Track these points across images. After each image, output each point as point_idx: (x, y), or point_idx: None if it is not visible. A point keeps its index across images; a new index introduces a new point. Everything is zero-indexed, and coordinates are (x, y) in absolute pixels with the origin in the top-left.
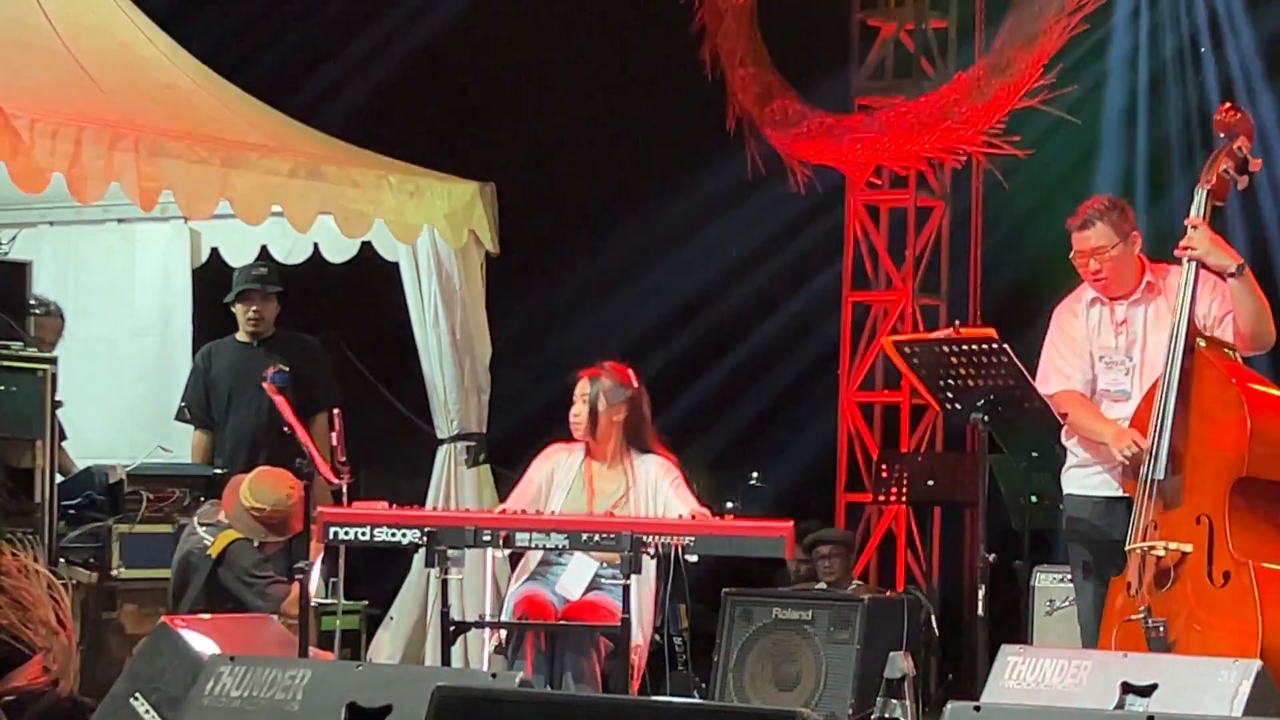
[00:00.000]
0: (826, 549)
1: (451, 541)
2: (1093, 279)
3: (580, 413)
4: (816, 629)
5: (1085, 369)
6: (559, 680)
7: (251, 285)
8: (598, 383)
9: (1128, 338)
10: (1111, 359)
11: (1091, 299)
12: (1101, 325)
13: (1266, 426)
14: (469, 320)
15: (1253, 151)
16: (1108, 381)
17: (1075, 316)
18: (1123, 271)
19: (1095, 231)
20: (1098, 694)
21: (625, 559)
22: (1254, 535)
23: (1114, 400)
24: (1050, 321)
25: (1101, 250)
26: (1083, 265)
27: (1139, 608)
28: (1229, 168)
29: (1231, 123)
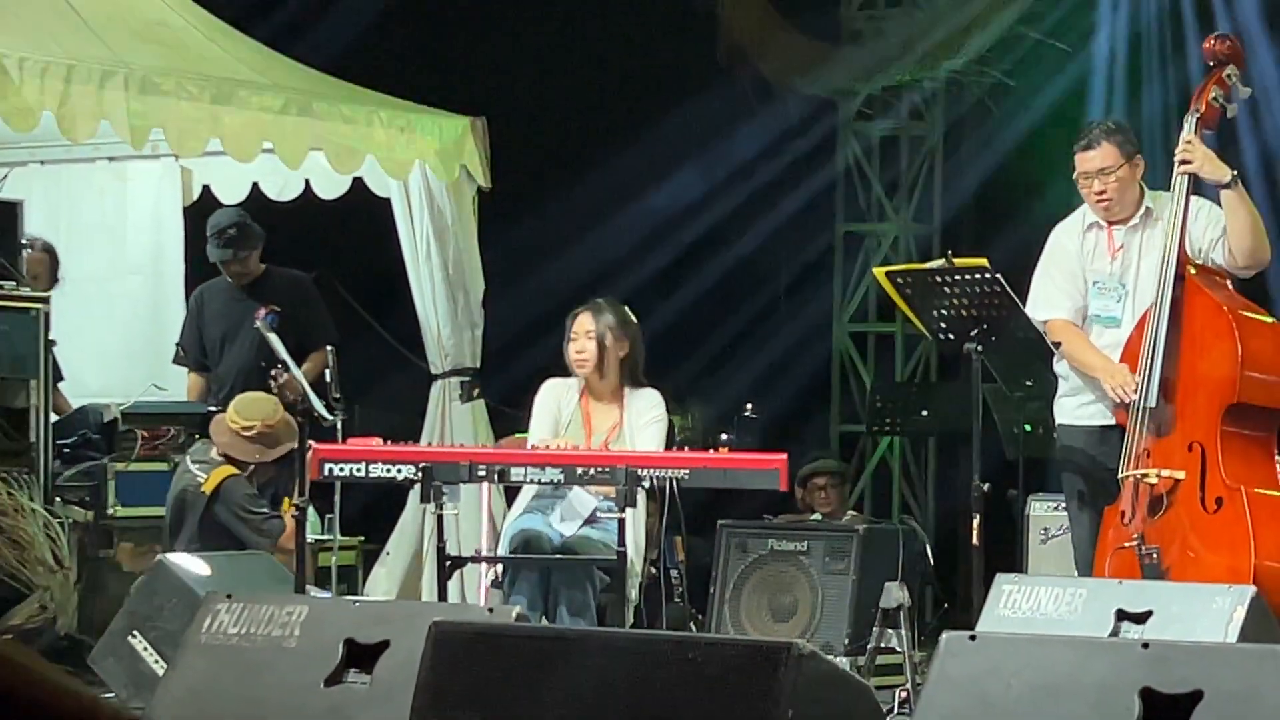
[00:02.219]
0: (821, 480)
1: (446, 477)
2: (1096, 200)
3: (586, 349)
4: (812, 560)
5: (1077, 296)
6: (554, 614)
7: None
8: (603, 318)
9: (1122, 263)
10: (1105, 284)
11: (1089, 223)
12: (1097, 250)
13: (1257, 353)
14: (461, 255)
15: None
16: (1099, 307)
17: (1071, 241)
18: (1125, 194)
19: (1100, 152)
20: (1093, 621)
21: (620, 493)
22: (1245, 461)
23: (1104, 327)
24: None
25: (1107, 171)
26: (1086, 186)
27: (1132, 535)
28: (1219, 95)
29: (1220, 51)
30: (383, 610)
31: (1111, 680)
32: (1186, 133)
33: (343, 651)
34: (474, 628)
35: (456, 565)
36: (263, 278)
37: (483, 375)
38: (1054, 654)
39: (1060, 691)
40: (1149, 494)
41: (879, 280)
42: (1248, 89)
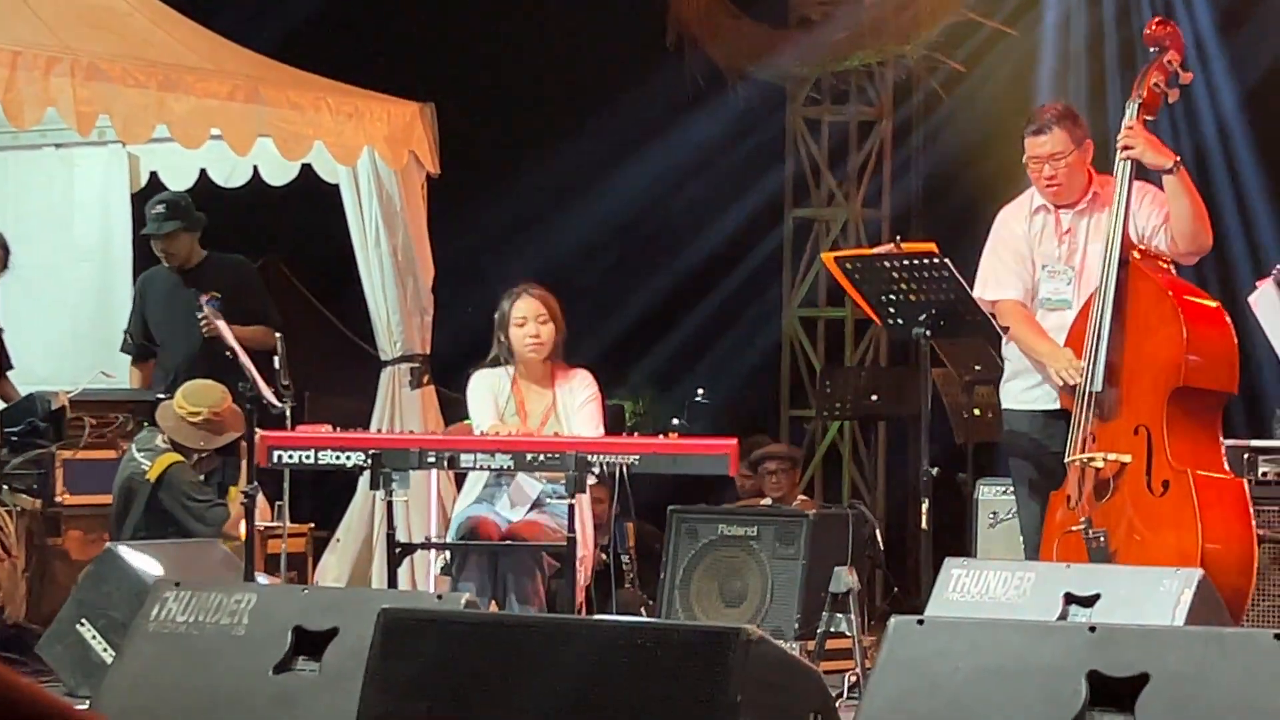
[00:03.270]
0: (772, 465)
1: (396, 464)
2: (1046, 184)
3: (542, 333)
4: (762, 545)
5: (1026, 277)
6: (504, 600)
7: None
8: (551, 303)
9: (1070, 246)
10: (1054, 268)
11: (1036, 206)
12: (1045, 233)
13: (1201, 336)
14: (410, 242)
15: (1183, 65)
16: (1049, 290)
17: (1019, 223)
18: (1075, 178)
19: (1051, 137)
20: (1041, 605)
21: (569, 478)
22: (1191, 444)
23: (1052, 310)
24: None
25: (1057, 156)
26: (1036, 171)
27: (1080, 519)
28: (1159, 81)
29: (1161, 36)
30: (332, 597)
31: (1058, 663)
32: (1128, 119)
33: (291, 639)
34: (423, 614)
35: (406, 552)
36: (203, 263)
37: (432, 361)
38: (1001, 638)
39: (1007, 675)
40: (1095, 478)
41: (828, 266)
42: (1189, 74)
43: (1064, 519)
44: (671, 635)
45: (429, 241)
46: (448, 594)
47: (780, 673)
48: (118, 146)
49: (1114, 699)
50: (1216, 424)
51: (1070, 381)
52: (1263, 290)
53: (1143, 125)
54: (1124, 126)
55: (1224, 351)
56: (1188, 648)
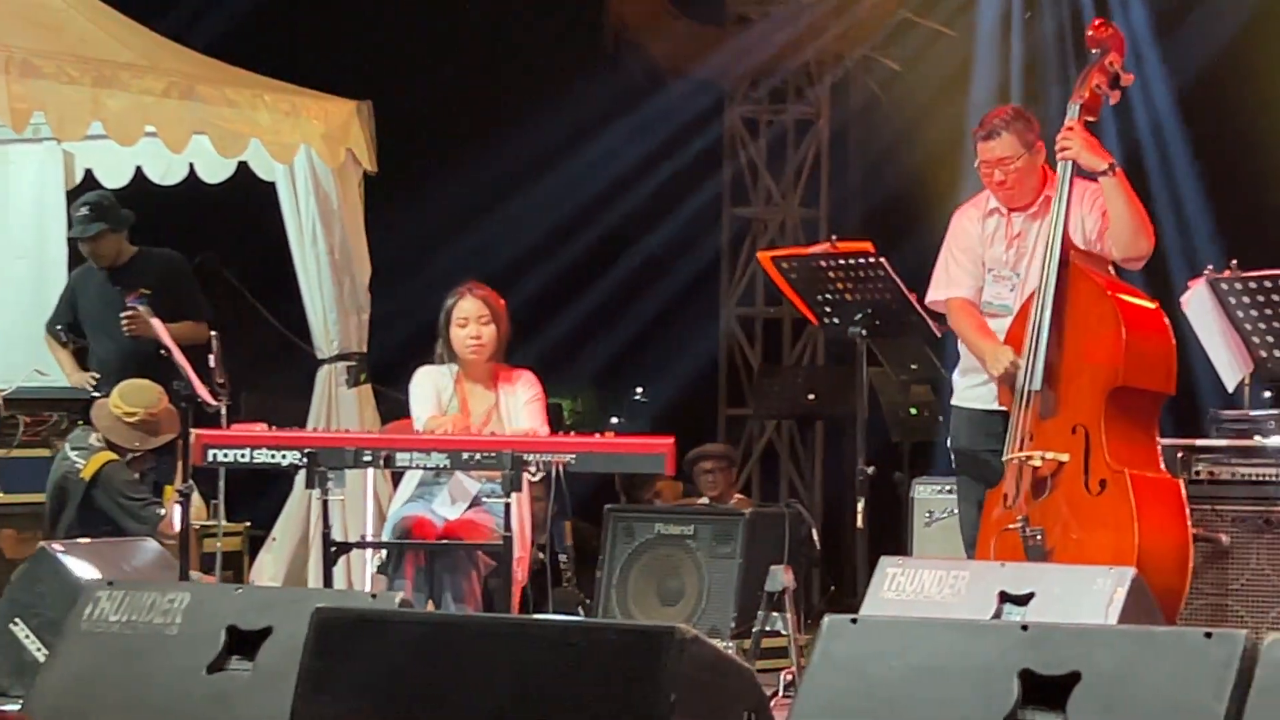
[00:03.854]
0: (709, 464)
1: (332, 462)
2: (997, 189)
3: (484, 334)
4: (699, 544)
5: (978, 275)
6: (440, 599)
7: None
8: (493, 304)
9: (1018, 252)
10: (1000, 273)
11: (990, 208)
12: (995, 236)
13: (1140, 338)
14: (347, 240)
15: (1124, 66)
16: (991, 295)
17: (973, 224)
18: (1026, 182)
19: (1001, 142)
20: (976, 604)
21: (506, 477)
22: (1128, 444)
23: (992, 315)
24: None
25: (1007, 161)
26: (987, 175)
27: (1017, 517)
28: (1100, 83)
29: (1103, 38)
30: (266, 597)
31: (991, 662)
32: (1070, 119)
33: (225, 638)
34: (357, 614)
35: (342, 551)
36: (133, 260)
37: (369, 360)
38: (935, 636)
39: (941, 673)
40: (1033, 476)
41: (764, 266)
42: (1130, 75)
43: (1000, 517)
44: (606, 634)
45: (366, 239)
46: (382, 593)
47: (714, 672)
48: (53, 144)
49: (1046, 697)
50: (1154, 424)
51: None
52: (1195, 291)
53: (1083, 126)
54: (1064, 127)
55: (1162, 352)
56: (1119, 646)
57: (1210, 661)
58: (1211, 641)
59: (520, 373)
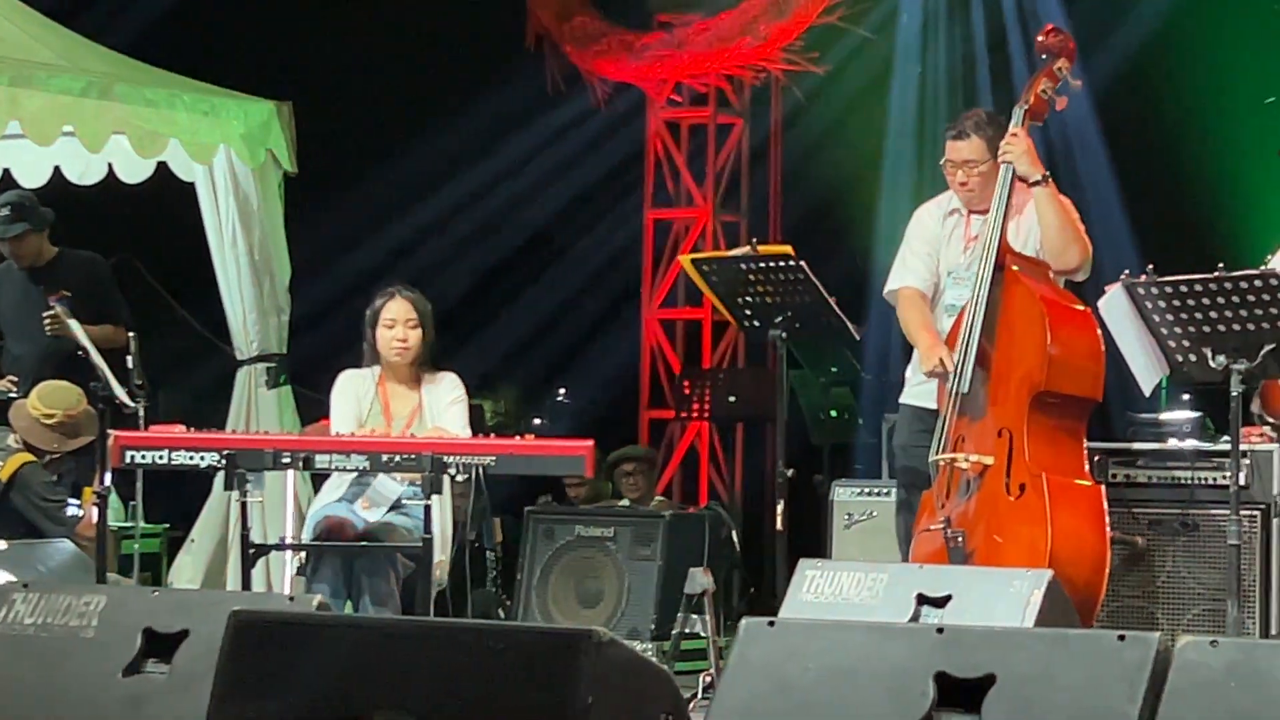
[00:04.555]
0: (630, 466)
1: (251, 464)
2: (959, 189)
3: (410, 337)
4: (619, 546)
5: (933, 270)
6: (359, 602)
7: None
8: (421, 306)
9: (973, 254)
10: (959, 275)
11: (951, 208)
12: (953, 236)
13: (1066, 343)
14: (267, 241)
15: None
16: (954, 297)
17: (933, 221)
18: (988, 186)
19: (969, 144)
20: (894, 606)
21: (426, 479)
22: (1050, 448)
23: (951, 316)
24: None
25: (972, 164)
26: (951, 175)
27: (940, 518)
28: (1048, 88)
29: (1053, 44)
30: (182, 599)
31: (907, 664)
32: (1014, 125)
33: (141, 641)
34: (274, 616)
35: (260, 553)
36: (54, 261)
37: (289, 361)
38: (851, 639)
39: (856, 676)
40: (959, 478)
41: (685, 268)
42: (1078, 82)
43: (930, 518)
44: (522, 637)
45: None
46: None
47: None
48: None
49: (961, 700)
50: (1080, 429)
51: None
52: (1111, 295)
53: (1027, 132)
54: (1009, 132)
55: (1089, 358)
56: (1034, 649)
57: (1124, 664)
58: (1125, 644)
59: (443, 375)
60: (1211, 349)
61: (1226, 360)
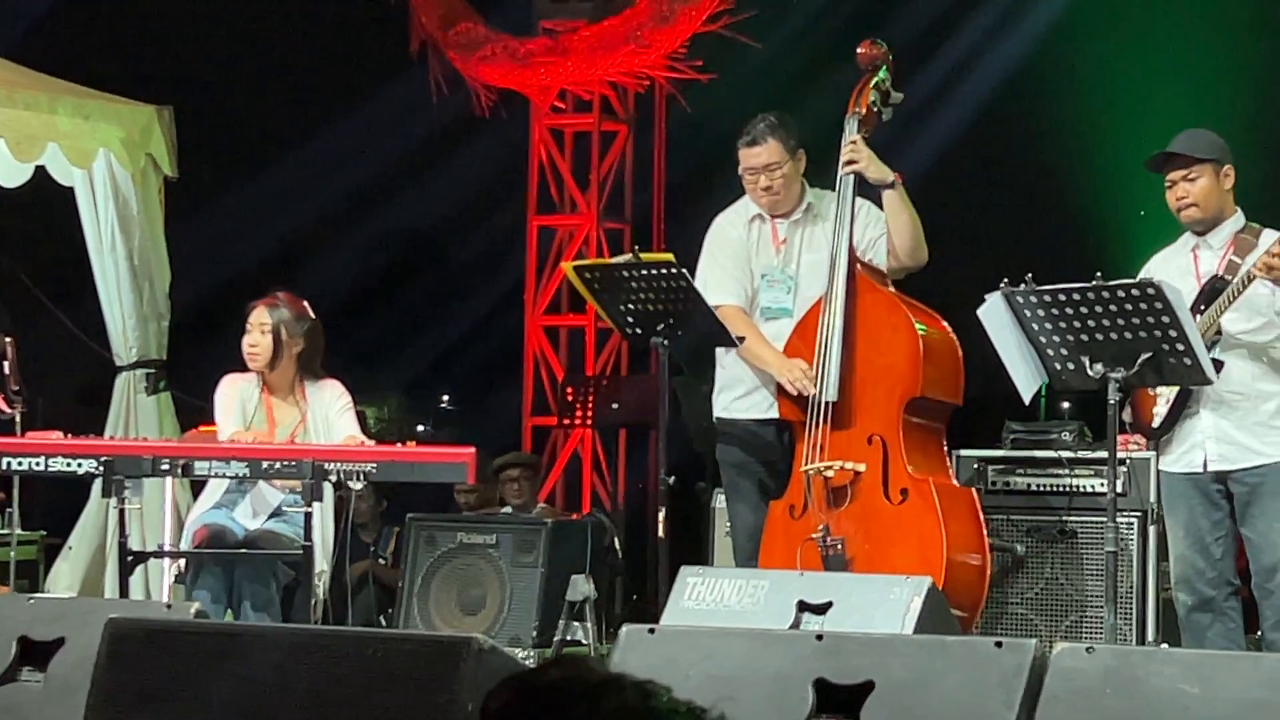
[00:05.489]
0: (514, 472)
1: (129, 471)
2: (763, 195)
3: (260, 343)
4: (501, 553)
5: (746, 284)
6: (239, 609)
7: None
8: (278, 312)
9: (785, 256)
10: (773, 277)
11: (753, 215)
12: (761, 242)
13: (934, 349)
14: (147, 246)
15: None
16: (768, 300)
17: (736, 230)
18: (790, 188)
19: (767, 148)
20: (775, 613)
21: (306, 486)
22: (925, 453)
23: (771, 319)
24: (707, 234)
25: (772, 167)
26: (752, 182)
27: (817, 527)
28: (875, 99)
29: (874, 56)
30: (59, 607)
31: (787, 671)
32: (850, 134)
33: (16, 649)
34: (151, 624)
35: (139, 560)
36: None
37: (169, 367)
38: (731, 646)
39: (737, 683)
40: (828, 487)
41: (568, 275)
42: (900, 94)
43: (789, 529)
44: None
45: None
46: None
47: None
48: None
49: (840, 706)
50: (944, 434)
51: (805, 392)
52: (991, 303)
53: (863, 140)
54: (846, 141)
55: (953, 364)
56: (912, 655)
57: (1001, 670)
58: (1002, 651)
59: (327, 382)
60: (1089, 357)
61: (1104, 369)
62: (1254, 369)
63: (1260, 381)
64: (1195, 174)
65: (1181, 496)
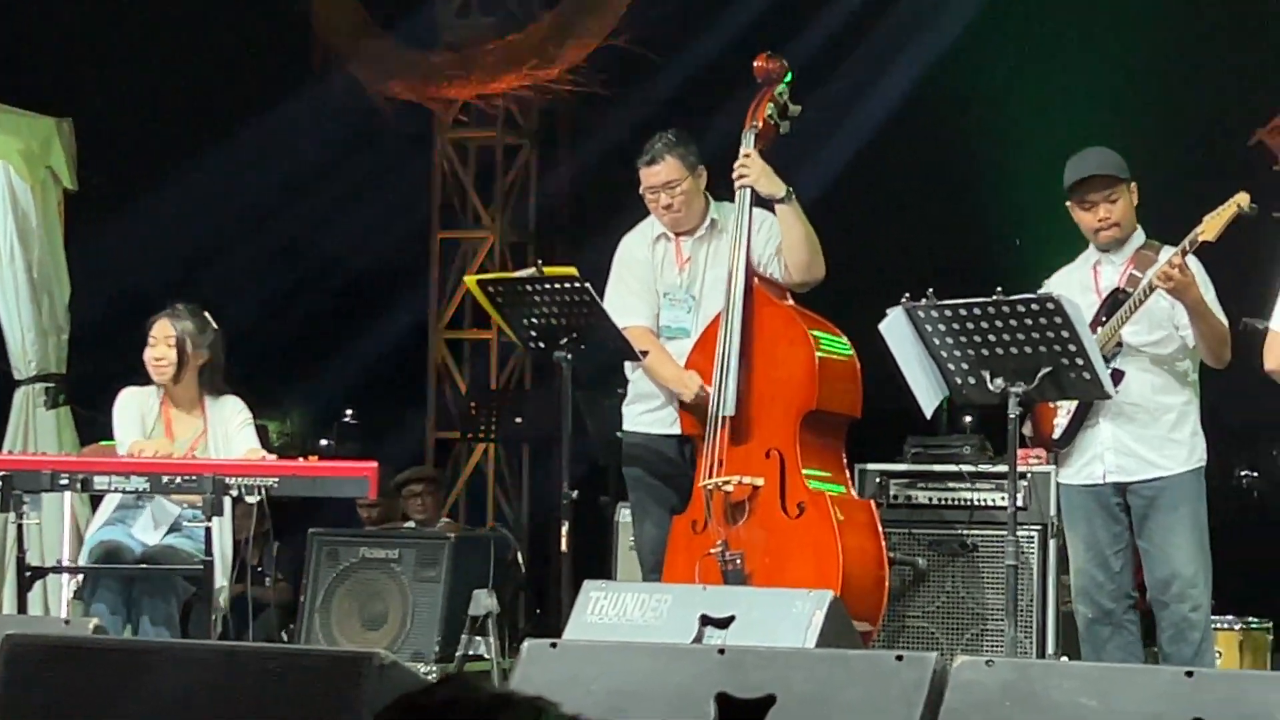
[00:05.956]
0: (417, 487)
1: (27, 485)
2: (664, 214)
3: (165, 355)
4: (403, 567)
5: (653, 303)
6: (138, 625)
7: None
8: (181, 323)
9: (689, 274)
10: (675, 296)
11: (657, 234)
12: (666, 261)
13: (831, 363)
14: (46, 259)
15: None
16: (670, 319)
17: (641, 250)
18: (692, 205)
19: (666, 166)
20: (677, 627)
21: (207, 501)
22: (822, 466)
23: (671, 338)
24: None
25: (672, 184)
26: (653, 201)
27: (716, 542)
28: (772, 113)
29: (771, 70)
30: None
31: (689, 686)
32: (745, 148)
33: None
34: (48, 640)
35: (37, 576)
36: None
37: (69, 381)
38: (633, 661)
39: (639, 697)
40: (728, 501)
41: (471, 289)
42: (798, 107)
43: (690, 543)
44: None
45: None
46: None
47: None
48: None
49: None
50: (842, 447)
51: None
52: (892, 317)
53: (758, 154)
54: (741, 155)
55: (851, 377)
56: (813, 669)
57: (901, 684)
58: (903, 664)
59: (227, 398)
60: (990, 372)
61: (1004, 383)
62: (1154, 381)
63: (1160, 394)
64: (1115, 194)
65: (1081, 510)
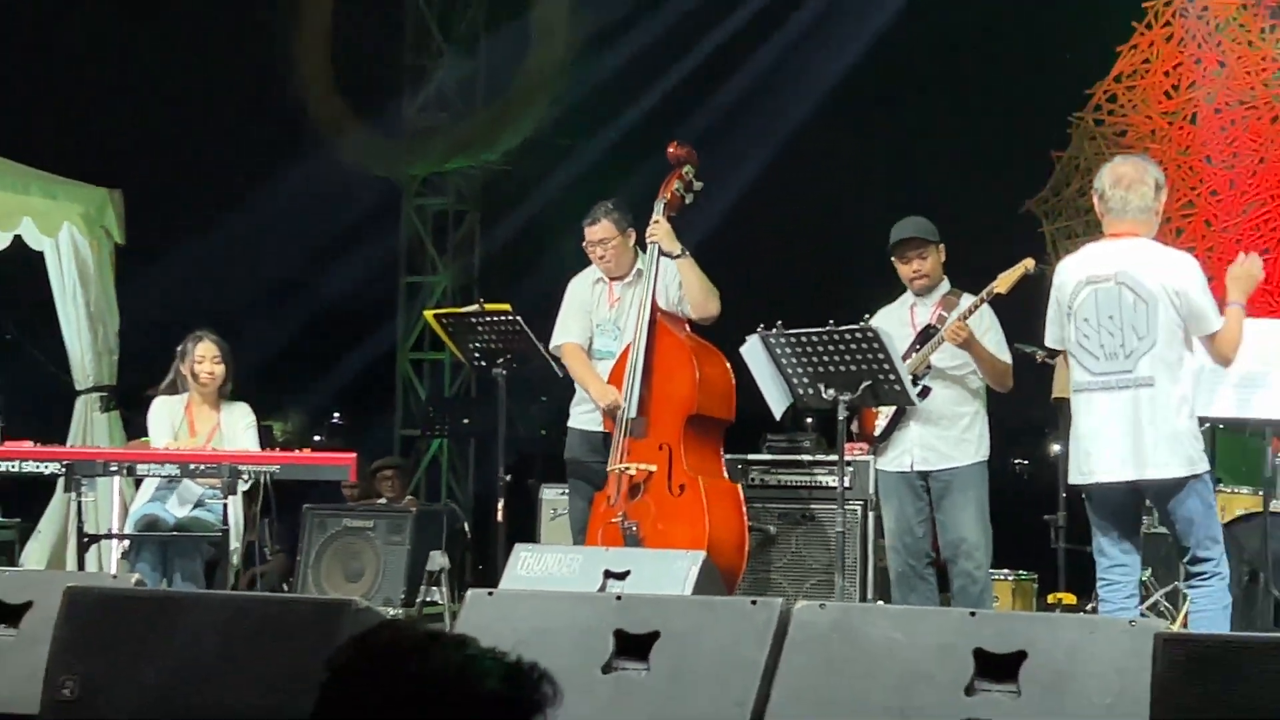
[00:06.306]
0: (389, 472)
1: (86, 472)
2: (599, 263)
3: (215, 371)
4: (377, 534)
5: (587, 328)
6: (172, 580)
7: None
8: (222, 346)
9: (618, 311)
10: (605, 327)
11: (596, 278)
12: (600, 300)
13: (709, 377)
14: (101, 297)
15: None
16: (600, 345)
17: (584, 289)
18: (622, 258)
19: (602, 226)
20: (587, 580)
21: (225, 483)
22: (700, 457)
23: (600, 359)
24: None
25: (606, 240)
26: (592, 252)
27: (618, 513)
28: (679, 187)
29: (680, 155)
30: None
31: (593, 624)
32: (656, 214)
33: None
34: (100, 591)
35: (93, 541)
36: None
37: (118, 391)
38: (550, 605)
39: (554, 634)
40: (629, 482)
41: (429, 321)
42: (700, 183)
43: (605, 513)
44: (297, 606)
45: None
46: (122, 574)
47: None
48: None
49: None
50: (720, 443)
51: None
52: (751, 343)
53: (666, 219)
54: (652, 220)
55: (727, 389)
56: (689, 612)
57: (755, 623)
58: (756, 607)
59: (237, 404)
60: (824, 384)
61: (835, 393)
62: (953, 394)
63: (956, 405)
64: (926, 253)
65: (894, 490)
